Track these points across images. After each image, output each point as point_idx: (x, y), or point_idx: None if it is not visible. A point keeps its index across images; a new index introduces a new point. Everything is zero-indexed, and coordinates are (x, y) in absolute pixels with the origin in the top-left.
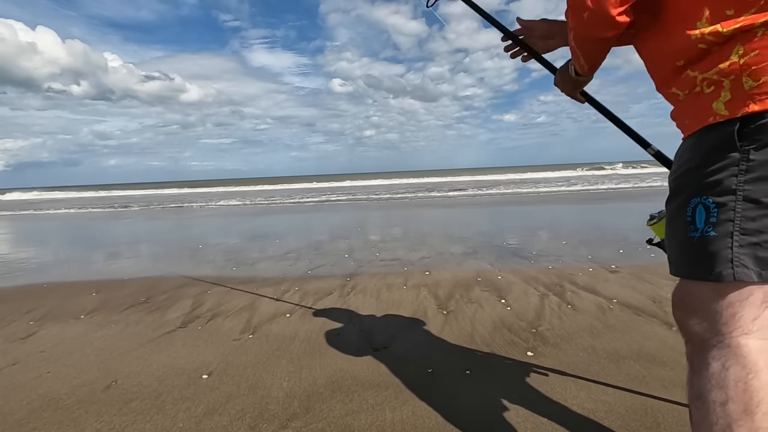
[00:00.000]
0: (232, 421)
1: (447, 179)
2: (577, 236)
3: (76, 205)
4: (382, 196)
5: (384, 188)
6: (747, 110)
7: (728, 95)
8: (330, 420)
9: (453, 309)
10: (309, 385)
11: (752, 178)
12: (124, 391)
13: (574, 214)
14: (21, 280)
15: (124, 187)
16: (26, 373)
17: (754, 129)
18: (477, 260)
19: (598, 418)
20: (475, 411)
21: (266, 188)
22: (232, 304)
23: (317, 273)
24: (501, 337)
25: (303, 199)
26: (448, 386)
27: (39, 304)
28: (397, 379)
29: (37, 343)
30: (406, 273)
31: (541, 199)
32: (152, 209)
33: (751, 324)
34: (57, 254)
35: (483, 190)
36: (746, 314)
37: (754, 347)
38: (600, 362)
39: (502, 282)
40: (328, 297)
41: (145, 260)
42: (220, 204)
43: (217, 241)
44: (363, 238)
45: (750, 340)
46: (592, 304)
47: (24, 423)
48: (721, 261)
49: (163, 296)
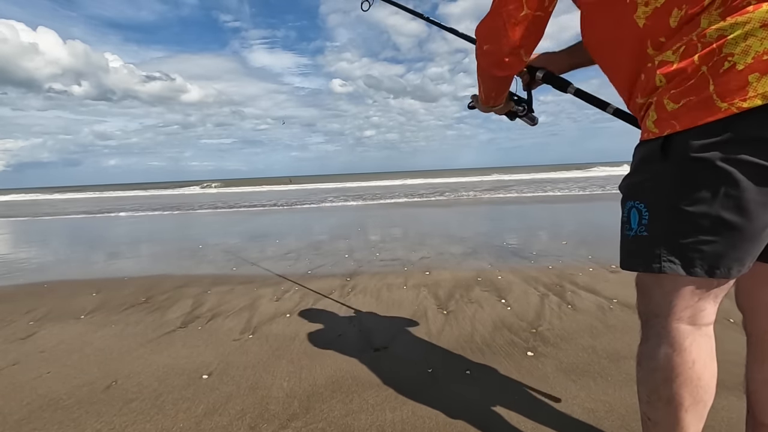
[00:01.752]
0: (232, 421)
1: (477, 179)
2: (577, 236)
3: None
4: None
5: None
6: (672, 130)
7: (655, 115)
8: (330, 420)
9: (453, 309)
10: (309, 386)
11: (673, 187)
12: (124, 392)
13: (574, 213)
14: (21, 280)
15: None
16: (26, 373)
17: (672, 147)
18: (477, 260)
19: (599, 417)
20: (475, 411)
21: (317, 187)
22: (232, 304)
23: (318, 272)
24: (501, 337)
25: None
26: (448, 386)
27: (39, 304)
28: (397, 379)
29: (37, 343)
30: (406, 273)
31: (541, 199)
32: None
33: (682, 311)
34: (110, 254)
35: (494, 193)
36: (679, 303)
37: (682, 331)
38: (600, 362)
39: (502, 282)
40: (328, 296)
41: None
42: (343, 204)
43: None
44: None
45: (680, 325)
46: (593, 304)
47: (24, 423)
48: (653, 258)
49: (163, 296)
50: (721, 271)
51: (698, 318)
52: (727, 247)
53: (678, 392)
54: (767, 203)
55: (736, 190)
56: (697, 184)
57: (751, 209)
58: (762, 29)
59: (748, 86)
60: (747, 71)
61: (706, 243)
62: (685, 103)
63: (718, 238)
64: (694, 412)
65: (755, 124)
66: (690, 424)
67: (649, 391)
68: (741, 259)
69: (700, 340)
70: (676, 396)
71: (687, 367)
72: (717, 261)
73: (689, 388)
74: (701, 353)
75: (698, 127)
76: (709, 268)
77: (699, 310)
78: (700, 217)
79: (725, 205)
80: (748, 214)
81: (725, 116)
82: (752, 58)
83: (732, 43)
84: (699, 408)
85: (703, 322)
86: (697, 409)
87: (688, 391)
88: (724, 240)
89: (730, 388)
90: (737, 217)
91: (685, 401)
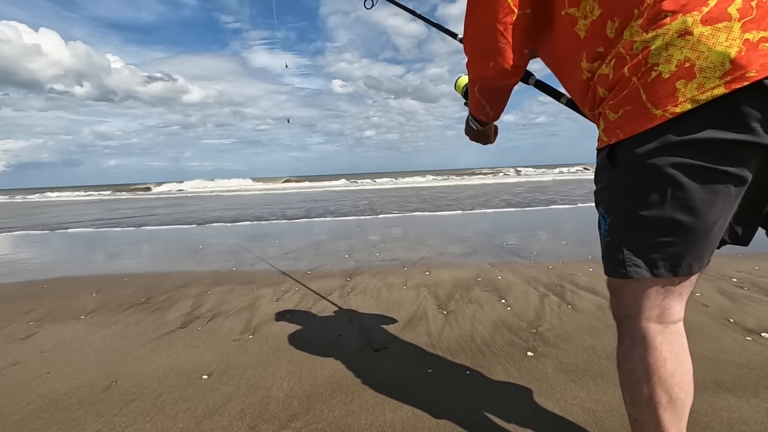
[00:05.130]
0: (232, 421)
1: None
2: (577, 236)
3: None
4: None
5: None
6: (616, 138)
7: (603, 125)
8: (330, 420)
9: (453, 309)
10: (309, 386)
11: (625, 193)
12: (124, 392)
13: (574, 213)
14: (21, 280)
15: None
16: (26, 373)
17: (619, 154)
18: (477, 260)
19: (599, 417)
20: (475, 411)
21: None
22: (232, 304)
23: (318, 272)
24: (501, 337)
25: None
26: (448, 386)
27: (39, 304)
28: (397, 379)
29: (37, 343)
30: (406, 273)
31: (541, 198)
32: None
33: (651, 311)
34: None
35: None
36: (647, 303)
37: (652, 330)
38: (600, 362)
39: (502, 282)
40: (327, 297)
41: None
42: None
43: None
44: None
45: (650, 324)
46: (593, 304)
47: (24, 423)
48: (619, 263)
49: (163, 296)
50: (683, 269)
51: (666, 316)
52: (685, 247)
53: (654, 391)
54: (714, 201)
55: (681, 191)
56: (646, 188)
57: (699, 208)
58: (680, 39)
59: (677, 92)
60: (673, 78)
61: (665, 245)
62: (623, 112)
63: (675, 238)
64: (672, 410)
65: (689, 128)
66: (670, 423)
67: (631, 393)
68: (700, 256)
69: (671, 338)
70: (654, 395)
71: (659, 366)
72: (678, 260)
73: (664, 386)
74: (672, 351)
75: (639, 134)
76: (672, 267)
77: (666, 308)
78: (654, 220)
79: (675, 207)
80: (697, 213)
81: (661, 122)
82: (675, 66)
83: (655, 54)
84: (677, 406)
85: (671, 320)
86: (674, 407)
87: (663, 389)
88: (681, 239)
89: (730, 388)
90: (688, 216)
91: (662, 399)
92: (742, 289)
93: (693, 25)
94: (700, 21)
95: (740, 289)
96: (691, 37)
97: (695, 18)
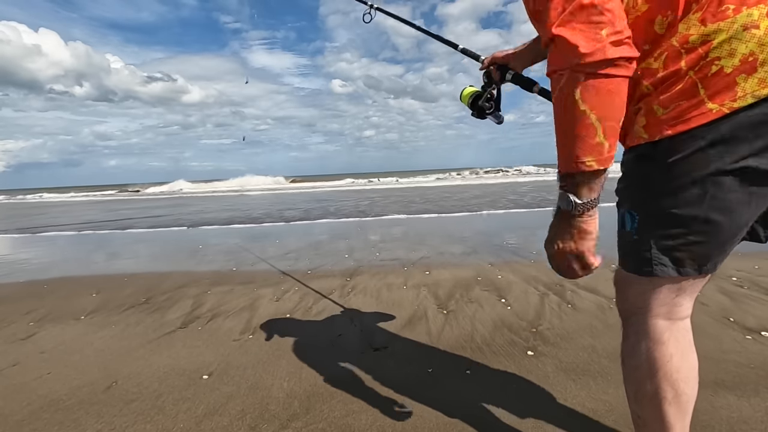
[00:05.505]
0: (232, 421)
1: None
2: None
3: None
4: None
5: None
6: (662, 135)
7: (644, 121)
8: (330, 420)
9: (453, 309)
10: (309, 386)
11: (663, 191)
12: (124, 392)
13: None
14: (21, 280)
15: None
16: (26, 374)
17: (661, 151)
18: (477, 260)
19: (599, 417)
20: (475, 411)
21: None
22: (232, 304)
23: (318, 272)
24: (501, 336)
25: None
26: (448, 386)
27: (39, 304)
28: (397, 379)
29: (38, 344)
30: (406, 273)
31: (540, 198)
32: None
33: (659, 308)
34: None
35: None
36: (657, 301)
37: (660, 326)
38: (600, 361)
39: (502, 281)
40: (328, 297)
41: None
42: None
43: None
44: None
45: (658, 321)
46: (592, 304)
47: (24, 424)
48: (645, 261)
49: (163, 296)
50: (708, 267)
51: (675, 313)
52: (713, 246)
53: (660, 386)
54: (749, 201)
55: (721, 191)
56: (686, 187)
57: (735, 208)
58: (745, 32)
59: (737, 87)
60: (735, 73)
61: (695, 243)
62: (676, 107)
63: (706, 237)
64: (677, 405)
65: (737, 126)
66: (675, 419)
67: (635, 389)
68: (725, 252)
69: (678, 334)
70: (659, 390)
71: (665, 361)
72: (705, 259)
73: (669, 381)
74: (678, 347)
75: (688, 131)
76: (699, 266)
77: (676, 306)
78: (689, 219)
79: (712, 207)
80: (732, 213)
81: (716, 118)
82: (739, 60)
83: (718, 47)
84: (682, 401)
85: (680, 317)
86: (679, 403)
87: (668, 384)
88: (711, 239)
89: (730, 387)
90: (724, 217)
91: (668, 395)
92: (742, 288)
93: (760, 18)
94: (766, 14)
95: (740, 288)
96: (757, 31)
97: (762, 11)
